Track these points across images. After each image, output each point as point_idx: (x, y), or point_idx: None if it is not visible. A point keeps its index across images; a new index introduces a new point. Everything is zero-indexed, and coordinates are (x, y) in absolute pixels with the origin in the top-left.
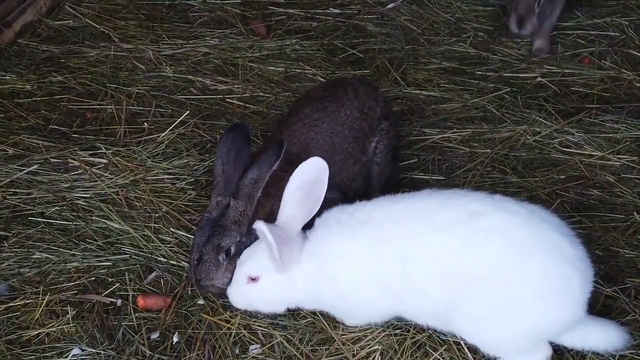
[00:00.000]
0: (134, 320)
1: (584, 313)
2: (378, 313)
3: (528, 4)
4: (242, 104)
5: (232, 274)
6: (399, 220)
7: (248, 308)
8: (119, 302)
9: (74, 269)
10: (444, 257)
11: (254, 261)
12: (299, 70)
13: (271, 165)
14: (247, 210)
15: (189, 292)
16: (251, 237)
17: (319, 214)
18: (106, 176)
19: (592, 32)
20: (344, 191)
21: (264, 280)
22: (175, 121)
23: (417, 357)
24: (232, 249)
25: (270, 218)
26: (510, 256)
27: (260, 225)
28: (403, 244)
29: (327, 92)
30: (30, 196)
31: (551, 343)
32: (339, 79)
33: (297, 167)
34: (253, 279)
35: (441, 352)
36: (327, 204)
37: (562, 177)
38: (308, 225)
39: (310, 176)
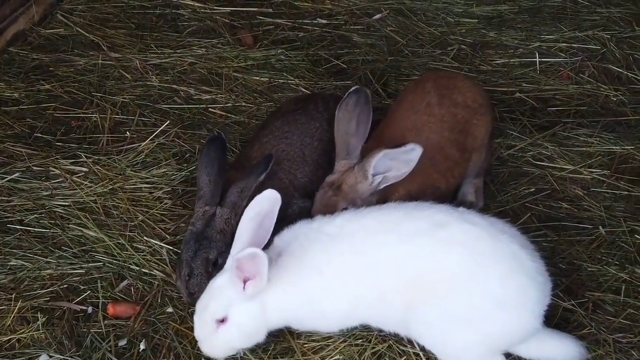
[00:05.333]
0: (103, 327)
1: (540, 325)
2: (349, 323)
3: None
4: (224, 113)
5: None
6: (370, 232)
7: (232, 352)
8: (90, 309)
9: (47, 276)
10: (408, 267)
11: (215, 301)
12: (282, 81)
13: (258, 176)
14: (232, 218)
15: (159, 300)
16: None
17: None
18: (86, 184)
19: (573, 44)
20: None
21: (234, 315)
22: (156, 130)
23: None
24: (220, 260)
25: None
26: (470, 266)
27: (253, 250)
28: (374, 256)
29: (298, 106)
30: (10, 204)
31: (508, 355)
32: (311, 94)
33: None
34: (221, 321)
35: None
36: (301, 212)
37: (532, 190)
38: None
39: (264, 208)
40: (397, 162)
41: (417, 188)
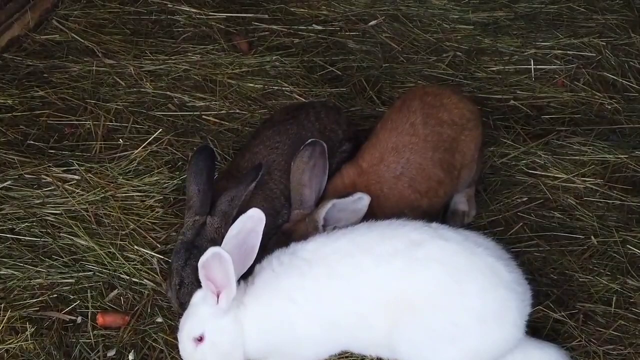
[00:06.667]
0: (92, 337)
1: (523, 335)
2: (327, 350)
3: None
4: (217, 120)
5: None
6: (345, 255)
7: None
8: (79, 319)
9: (37, 286)
10: (387, 288)
11: (191, 320)
12: (276, 88)
13: (248, 185)
14: (222, 227)
15: (149, 310)
16: None
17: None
18: (77, 192)
19: (569, 51)
20: None
21: (210, 333)
22: (149, 138)
23: None
24: None
25: None
26: (447, 282)
27: (215, 249)
28: (351, 279)
29: (289, 115)
30: (2, 212)
31: None
32: (302, 103)
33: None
34: (199, 340)
35: None
36: None
37: (525, 199)
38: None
39: (248, 226)
40: (346, 212)
41: (393, 209)
